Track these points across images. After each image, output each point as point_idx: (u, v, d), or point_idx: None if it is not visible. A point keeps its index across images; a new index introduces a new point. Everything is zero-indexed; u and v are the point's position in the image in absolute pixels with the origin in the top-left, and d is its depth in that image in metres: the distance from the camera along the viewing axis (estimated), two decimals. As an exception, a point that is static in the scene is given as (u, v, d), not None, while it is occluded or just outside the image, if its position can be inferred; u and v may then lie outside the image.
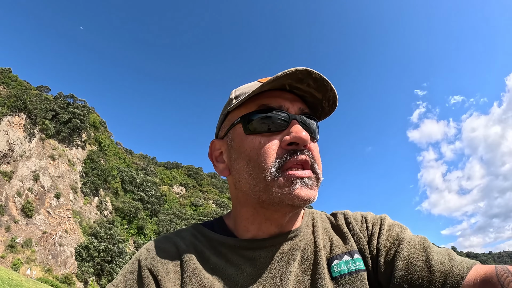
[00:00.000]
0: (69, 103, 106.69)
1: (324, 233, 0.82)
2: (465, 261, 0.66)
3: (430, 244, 0.72)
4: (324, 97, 0.77)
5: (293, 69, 0.69)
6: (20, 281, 28.76)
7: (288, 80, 0.72)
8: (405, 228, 0.79)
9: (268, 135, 0.72)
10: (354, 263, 0.74)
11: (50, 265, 68.82)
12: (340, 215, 0.86)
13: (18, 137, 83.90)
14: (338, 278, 0.72)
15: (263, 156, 0.70)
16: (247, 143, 0.73)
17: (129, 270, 0.73)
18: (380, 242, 0.75)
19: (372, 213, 0.86)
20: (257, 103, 0.74)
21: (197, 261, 0.73)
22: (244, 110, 0.76)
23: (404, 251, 0.71)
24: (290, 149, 0.70)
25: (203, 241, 0.79)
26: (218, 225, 0.85)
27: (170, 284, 0.69)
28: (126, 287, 0.70)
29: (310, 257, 0.76)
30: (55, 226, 78.11)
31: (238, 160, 0.75)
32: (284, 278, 0.71)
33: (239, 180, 0.76)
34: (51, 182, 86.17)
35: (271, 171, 0.68)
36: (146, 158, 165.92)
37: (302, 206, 0.71)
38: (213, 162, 0.85)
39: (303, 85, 0.74)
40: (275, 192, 0.68)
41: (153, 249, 0.76)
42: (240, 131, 0.75)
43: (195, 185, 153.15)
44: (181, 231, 0.83)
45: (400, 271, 0.68)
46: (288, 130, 0.71)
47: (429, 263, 0.67)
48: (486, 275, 0.60)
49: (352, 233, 0.80)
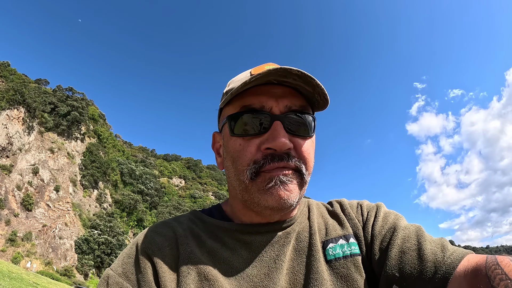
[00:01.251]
0: (67, 96, 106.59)
1: (320, 218, 0.82)
2: (458, 250, 0.66)
3: (425, 233, 0.72)
4: (315, 91, 0.74)
5: (264, 70, 0.67)
6: (20, 274, 29.28)
7: (271, 77, 0.70)
8: (401, 217, 0.79)
9: (248, 138, 0.71)
10: (349, 247, 0.74)
11: (50, 258, 69.60)
12: (336, 203, 0.86)
13: (17, 131, 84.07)
14: (332, 261, 0.72)
15: (241, 160, 0.70)
16: (231, 144, 0.74)
17: (127, 254, 0.74)
18: (375, 229, 0.75)
19: (368, 201, 0.86)
20: (241, 103, 0.73)
21: (193, 245, 0.74)
22: (231, 109, 0.75)
23: (398, 239, 0.71)
24: (268, 154, 0.69)
25: (200, 226, 0.80)
26: (216, 211, 0.86)
27: (167, 267, 0.69)
28: (124, 270, 0.70)
29: (305, 240, 0.76)
30: (55, 219, 78.76)
31: (227, 159, 0.77)
32: (279, 261, 0.71)
33: (229, 177, 0.77)
34: (51, 175, 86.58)
35: (246, 175, 0.69)
36: (145, 151, 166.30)
37: (284, 209, 0.70)
38: (215, 153, 0.86)
39: (290, 79, 0.71)
40: (253, 193, 0.70)
41: (150, 233, 0.77)
42: (227, 131, 0.76)
43: (194, 177, 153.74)
44: (179, 217, 0.84)
45: (393, 259, 0.68)
46: (269, 133, 0.70)
47: (421, 253, 0.66)
48: (476, 266, 0.59)
49: (348, 218, 0.80)
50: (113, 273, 0.71)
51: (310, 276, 0.70)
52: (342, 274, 0.71)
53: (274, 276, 0.69)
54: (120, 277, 0.69)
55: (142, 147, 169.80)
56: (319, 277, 0.69)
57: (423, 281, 0.64)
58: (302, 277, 0.71)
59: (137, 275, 0.69)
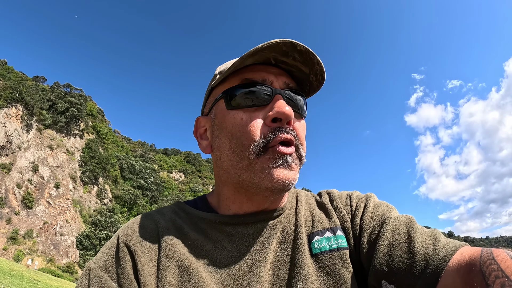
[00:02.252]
0: (65, 93, 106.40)
1: (307, 209, 0.80)
2: (451, 243, 0.61)
3: (416, 224, 0.68)
4: (312, 71, 0.74)
5: (275, 40, 0.66)
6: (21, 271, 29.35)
7: (272, 54, 0.69)
8: (392, 208, 0.75)
9: (251, 110, 0.70)
10: (336, 240, 0.71)
11: (52, 255, 70.32)
12: (325, 194, 0.84)
13: (15, 129, 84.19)
14: (318, 255, 0.70)
15: (246, 134, 0.68)
16: (229, 119, 0.71)
17: (108, 246, 0.73)
18: (364, 221, 0.72)
19: (358, 192, 0.83)
20: (240, 77, 0.72)
21: (175, 237, 0.72)
22: (227, 85, 0.74)
23: (388, 231, 0.67)
24: (274, 127, 0.68)
25: (183, 217, 0.78)
26: (201, 203, 0.84)
27: (146, 259, 0.68)
28: (105, 263, 0.69)
29: (290, 232, 0.74)
30: (56, 216, 79.39)
31: (220, 137, 0.74)
32: (263, 254, 0.70)
33: (220, 158, 0.74)
34: (50, 173, 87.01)
35: (253, 150, 0.67)
36: (145, 145, 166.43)
37: (282, 190, 0.69)
38: (197, 139, 0.83)
39: (289, 59, 0.71)
40: (257, 171, 0.67)
41: (132, 225, 0.75)
42: (222, 107, 0.73)
43: (194, 171, 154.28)
44: (163, 209, 0.82)
45: (381, 253, 0.65)
46: (271, 105, 0.69)
47: (411, 246, 0.62)
48: (470, 260, 0.54)
49: (336, 209, 0.78)
50: (95, 265, 0.69)
51: (294, 270, 0.68)
52: (328, 269, 0.68)
53: (258, 270, 0.67)
54: (101, 270, 0.68)
55: (141, 142, 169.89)
56: (304, 272, 0.67)
57: (413, 276, 0.60)
58: (286, 271, 0.68)
59: (117, 268, 0.68)
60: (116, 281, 0.66)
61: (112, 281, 0.66)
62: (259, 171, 0.67)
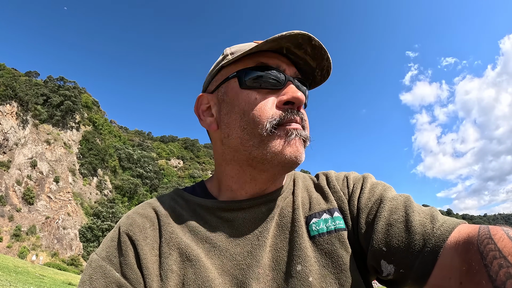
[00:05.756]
0: (59, 86, 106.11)
1: (305, 192, 0.80)
2: (449, 221, 0.61)
3: (414, 203, 0.68)
4: (318, 66, 0.78)
5: (295, 32, 0.68)
6: (26, 267, 30.24)
7: (287, 44, 0.71)
8: (389, 187, 0.75)
9: (265, 92, 0.71)
10: (334, 222, 0.71)
11: (56, 249, 71.98)
12: (322, 175, 0.84)
13: (11, 126, 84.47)
14: (316, 237, 0.70)
15: (259, 112, 0.69)
16: (242, 97, 0.72)
17: (110, 237, 0.73)
18: (361, 201, 0.72)
19: (356, 173, 0.83)
20: (255, 60, 0.74)
21: (175, 224, 0.73)
22: (241, 66, 0.75)
23: (385, 211, 0.67)
24: (286, 108, 0.70)
25: (182, 204, 0.79)
26: (199, 189, 0.85)
27: (148, 248, 0.69)
28: (107, 254, 0.70)
29: (288, 215, 0.74)
30: (57, 210, 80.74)
31: (230, 114, 0.74)
32: (262, 237, 0.70)
33: (228, 135, 0.74)
34: (49, 167, 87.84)
35: (266, 127, 0.68)
36: (142, 134, 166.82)
37: (292, 167, 0.71)
38: (199, 116, 0.82)
39: (300, 51, 0.74)
40: (270, 146, 0.68)
41: (132, 215, 0.75)
42: (235, 86, 0.74)
43: (192, 157, 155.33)
44: (162, 196, 0.82)
45: (379, 233, 0.65)
46: (284, 90, 0.72)
47: (409, 225, 0.62)
48: (468, 239, 0.55)
49: (333, 191, 0.78)
50: (97, 257, 0.70)
51: (293, 253, 0.68)
52: (326, 250, 0.69)
53: (257, 254, 0.68)
54: (104, 261, 0.69)
55: (138, 131, 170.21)
56: (302, 254, 0.67)
57: (411, 255, 0.60)
58: (285, 254, 0.69)
59: (120, 258, 0.68)
60: (119, 271, 0.67)
61: (115, 271, 0.67)
62: (272, 147, 0.68)
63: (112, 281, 0.66)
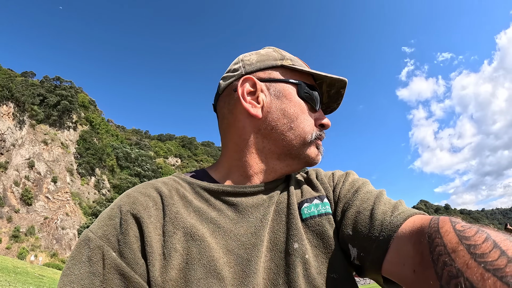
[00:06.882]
0: (56, 86, 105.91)
1: (297, 183, 0.87)
2: (406, 211, 0.66)
3: (384, 196, 0.74)
4: (327, 105, 0.93)
5: (341, 78, 0.85)
6: (26, 268, 30.45)
7: (327, 80, 0.86)
8: (367, 183, 0.83)
9: (310, 107, 0.83)
10: (324, 206, 0.77)
11: (55, 250, 72.21)
12: (312, 171, 0.92)
13: (8, 127, 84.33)
14: (308, 219, 0.75)
15: (308, 122, 0.82)
16: (298, 105, 0.81)
17: (108, 215, 0.69)
18: (341, 193, 0.79)
19: (341, 171, 0.92)
20: (309, 79, 0.85)
21: (179, 204, 0.73)
22: (298, 77, 0.84)
23: (358, 200, 0.74)
24: (320, 128, 0.85)
25: (185, 187, 0.79)
26: (201, 174, 0.87)
27: (152, 227, 0.68)
28: (105, 232, 0.67)
29: (284, 201, 0.80)
30: (56, 210, 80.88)
31: (282, 112, 0.81)
32: (265, 220, 0.74)
33: (273, 128, 0.81)
34: (47, 167, 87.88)
35: (312, 135, 0.81)
36: (139, 133, 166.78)
37: (312, 165, 0.85)
38: (243, 96, 0.82)
39: (326, 88, 0.88)
40: (308, 149, 0.82)
41: (134, 194, 0.73)
42: (292, 91, 0.82)
43: (190, 155, 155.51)
44: (163, 179, 0.82)
45: (349, 219, 0.71)
46: (319, 113, 0.86)
47: (373, 212, 0.68)
48: (420, 230, 0.57)
49: (321, 183, 0.85)
50: (94, 235, 0.66)
51: (290, 232, 0.72)
52: (317, 231, 0.73)
53: (261, 234, 0.72)
54: (101, 240, 0.66)
55: (136, 130, 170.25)
56: (298, 233, 0.72)
57: (370, 240, 0.65)
58: (283, 235, 0.73)
59: (118, 237, 0.66)
60: (117, 250, 0.65)
61: (112, 251, 0.65)
62: (309, 150, 0.82)
63: (112, 265, 0.63)
